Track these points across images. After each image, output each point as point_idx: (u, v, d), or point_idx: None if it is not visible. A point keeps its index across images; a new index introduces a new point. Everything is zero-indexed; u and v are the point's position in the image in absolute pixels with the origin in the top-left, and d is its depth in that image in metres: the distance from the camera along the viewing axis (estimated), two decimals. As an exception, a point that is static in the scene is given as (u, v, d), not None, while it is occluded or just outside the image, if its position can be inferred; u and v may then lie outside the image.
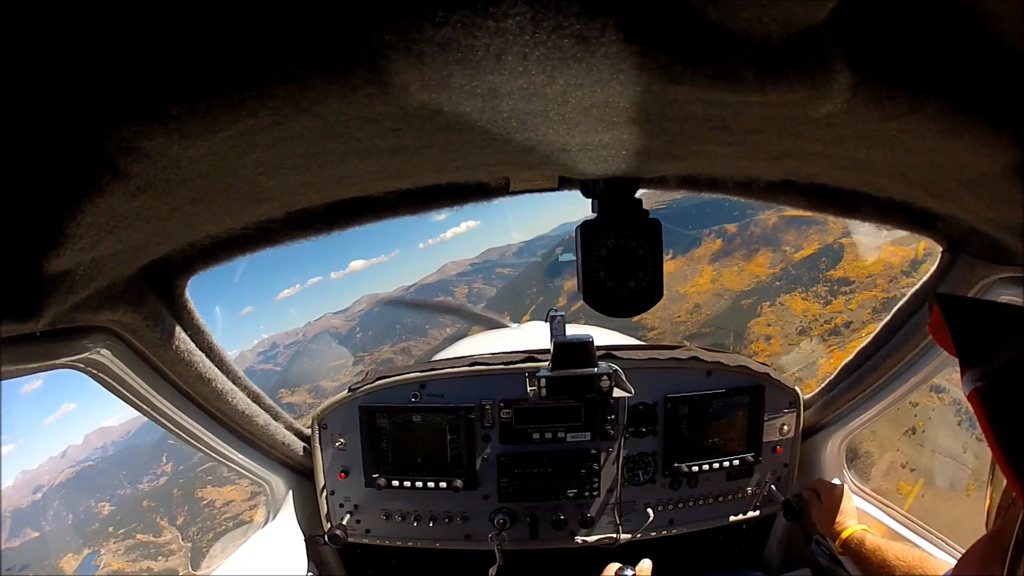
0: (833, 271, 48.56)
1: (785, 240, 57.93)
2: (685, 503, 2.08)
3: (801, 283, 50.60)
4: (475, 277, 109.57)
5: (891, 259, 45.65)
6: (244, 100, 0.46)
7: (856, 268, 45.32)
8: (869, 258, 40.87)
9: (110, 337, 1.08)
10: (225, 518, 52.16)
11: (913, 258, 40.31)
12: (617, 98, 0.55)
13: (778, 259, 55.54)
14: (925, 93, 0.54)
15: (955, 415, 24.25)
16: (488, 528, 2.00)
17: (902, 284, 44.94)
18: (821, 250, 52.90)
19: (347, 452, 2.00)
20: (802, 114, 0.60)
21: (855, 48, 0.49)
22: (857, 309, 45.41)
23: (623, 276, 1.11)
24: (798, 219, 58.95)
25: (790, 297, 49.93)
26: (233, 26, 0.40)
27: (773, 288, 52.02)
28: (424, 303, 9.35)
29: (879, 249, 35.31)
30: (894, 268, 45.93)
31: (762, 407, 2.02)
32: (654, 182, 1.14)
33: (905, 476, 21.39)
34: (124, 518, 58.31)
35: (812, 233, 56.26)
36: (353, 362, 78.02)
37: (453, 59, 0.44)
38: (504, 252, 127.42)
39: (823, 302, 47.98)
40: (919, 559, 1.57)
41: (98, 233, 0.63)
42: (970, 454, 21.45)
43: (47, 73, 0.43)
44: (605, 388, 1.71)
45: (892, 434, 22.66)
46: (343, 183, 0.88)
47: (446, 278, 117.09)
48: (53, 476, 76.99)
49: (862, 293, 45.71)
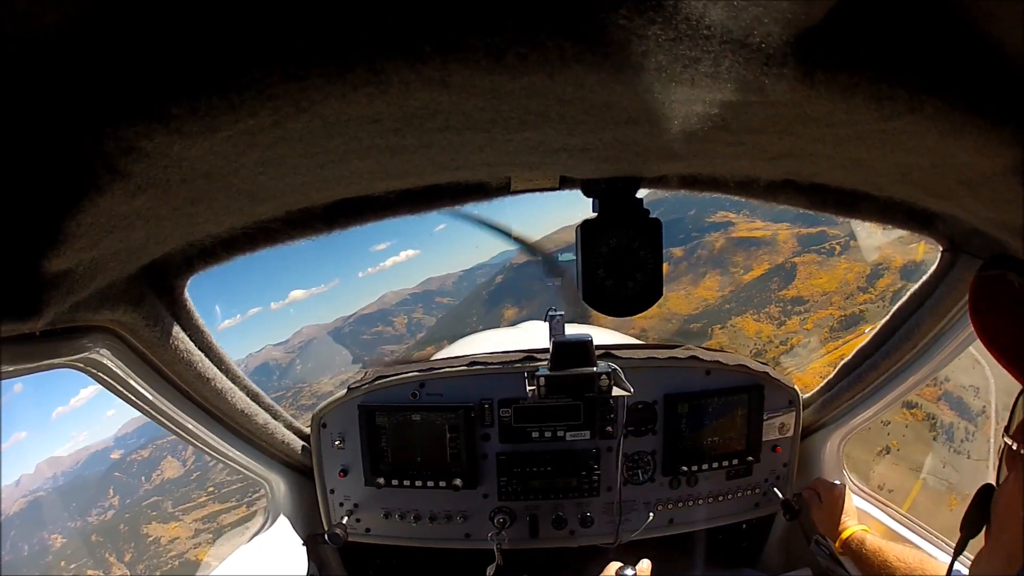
0: (786, 291, 48.34)
1: (733, 262, 57.71)
2: (685, 502, 2.08)
3: (753, 305, 50.43)
4: (415, 306, 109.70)
5: (846, 276, 45.51)
6: (244, 100, 0.46)
7: (810, 287, 45.03)
8: (823, 276, 40.52)
9: (110, 337, 1.08)
10: (171, 555, 51.79)
11: (869, 273, 40.00)
12: (618, 98, 0.55)
13: (727, 282, 55.19)
14: (925, 93, 0.54)
15: (930, 430, 24.20)
16: (488, 527, 2.00)
17: (859, 300, 44.64)
18: (772, 270, 52.73)
19: (347, 451, 2.00)
20: (802, 114, 0.60)
21: (855, 48, 0.49)
22: (813, 328, 45.19)
23: (623, 276, 1.11)
24: (747, 240, 58.79)
25: (742, 319, 49.67)
26: (233, 26, 0.40)
27: (723, 311, 51.66)
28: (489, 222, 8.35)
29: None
30: (850, 284, 45.76)
31: (761, 406, 2.03)
32: (654, 182, 1.15)
33: (884, 498, 21.26)
34: (75, 552, 58.36)
35: (762, 254, 56.12)
36: (292, 394, 77.95)
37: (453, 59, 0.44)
38: (444, 281, 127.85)
39: (777, 323, 47.71)
40: (919, 560, 1.57)
41: (98, 233, 0.63)
42: (950, 469, 21.39)
43: (47, 72, 0.43)
44: (604, 387, 1.71)
45: (866, 456, 22.45)
46: (343, 183, 0.88)
47: (386, 307, 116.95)
48: (9, 504, 77.73)
49: (817, 312, 45.52)
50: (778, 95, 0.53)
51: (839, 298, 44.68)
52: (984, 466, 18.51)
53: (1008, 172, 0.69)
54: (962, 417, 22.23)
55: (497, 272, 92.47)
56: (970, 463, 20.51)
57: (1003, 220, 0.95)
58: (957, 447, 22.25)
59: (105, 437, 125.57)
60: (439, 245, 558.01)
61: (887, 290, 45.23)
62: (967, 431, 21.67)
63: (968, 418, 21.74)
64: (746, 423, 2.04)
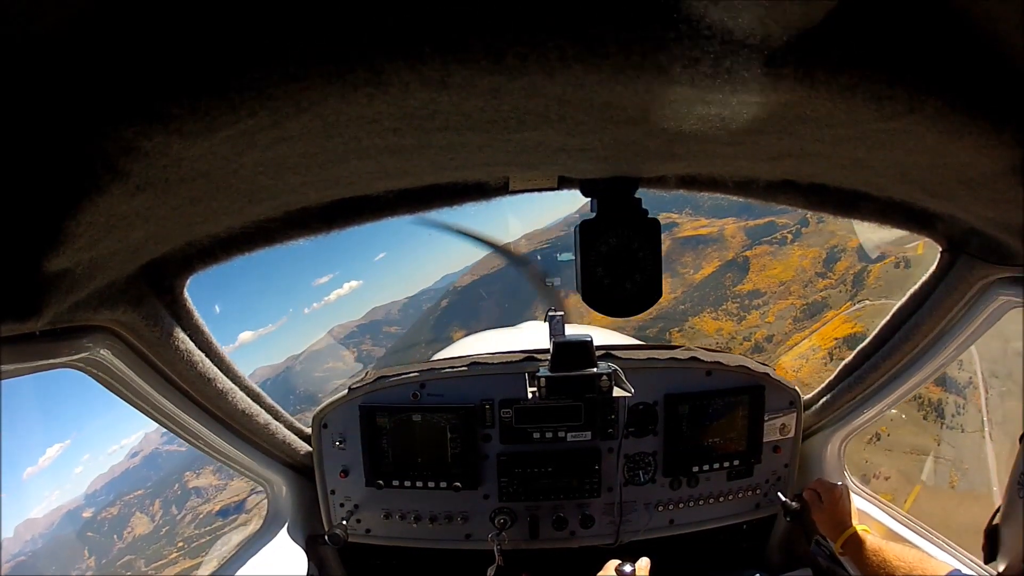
0: (741, 286, 47.32)
1: (682, 262, 56.55)
2: (685, 503, 2.08)
3: (709, 303, 49.28)
4: (363, 338, 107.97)
5: (802, 263, 44.55)
6: (244, 100, 0.46)
7: (765, 278, 44.09)
8: (777, 266, 39.40)
9: (110, 336, 1.08)
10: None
11: (825, 257, 38.94)
12: (617, 98, 0.55)
13: (678, 283, 53.96)
14: (925, 93, 0.54)
15: (918, 410, 23.93)
16: (488, 528, 2.00)
17: (819, 287, 43.41)
18: (723, 267, 51.44)
19: (347, 452, 2.00)
20: (802, 114, 0.60)
21: (855, 48, 0.49)
22: (776, 321, 44.14)
23: (622, 276, 1.11)
24: (693, 239, 57.37)
25: (700, 319, 48.62)
26: (232, 26, 0.40)
27: (678, 312, 50.46)
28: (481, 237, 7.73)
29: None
30: (807, 271, 44.71)
31: (762, 407, 2.02)
32: (654, 182, 1.15)
33: (882, 486, 21.17)
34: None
35: (711, 251, 54.93)
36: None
37: (453, 59, 0.44)
38: (389, 309, 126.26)
39: (736, 319, 46.66)
40: (919, 560, 1.57)
41: (98, 232, 0.63)
42: (945, 445, 21.15)
43: (47, 73, 0.43)
44: (605, 388, 1.71)
45: (855, 446, 22.35)
46: (342, 183, 0.88)
47: (334, 342, 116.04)
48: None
49: (777, 303, 44.51)
50: (778, 95, 0.53)
51: (798, 287, 43.89)
52: (980, 436, 18.21)
53: (1008, 172, 0.69)
54: (949, 392, 21.99)
55: (442, 296, 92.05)
56: (966, 436, 20.18)
57: (1003, 220, 0.95)
58: (949, 423, 22.02)
59: (76, 495, 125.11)
60: (381, 274, 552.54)
61: (847, 273, 44.00)
62: (957, 405, 21.45)
63: (956, 392, 21.48)
64: (747, 424, 2.04)
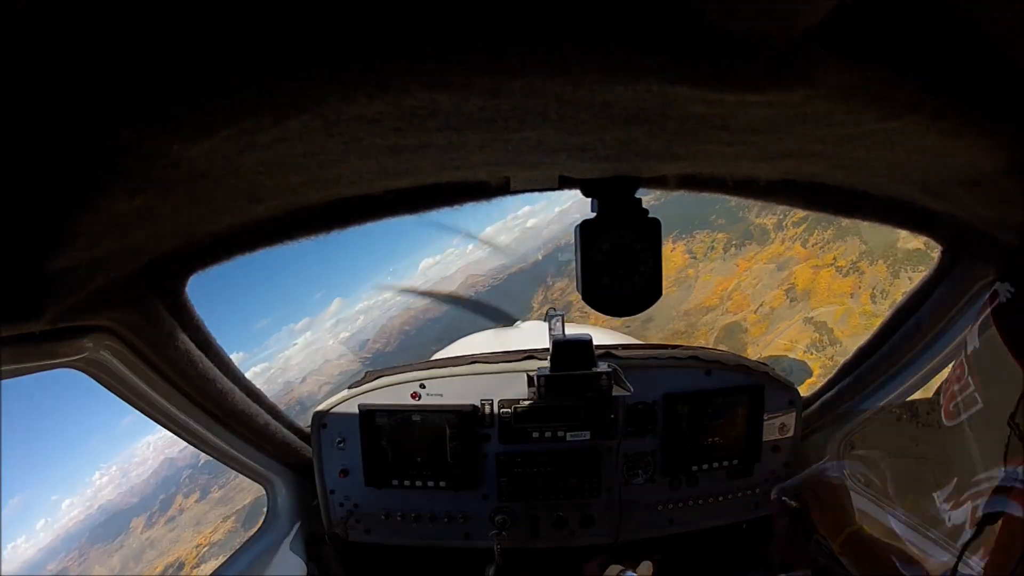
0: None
1: None
2: (685, 503, 2.08)
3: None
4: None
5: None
6: (244, 100, 0.46)
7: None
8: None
9: (110, 337, 1.08)
10: None
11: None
12: (617, 98, 0.55)
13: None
14: (925, 93, 0.54)
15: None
16: (488, 527, 2.00)
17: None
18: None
19: (347, 451, 2.00)
20: (802, 114, 0.60)
21: (855, 48, 0.49)
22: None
23: (622, 276, 1.11)
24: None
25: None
26: (232, 26, 0.40)
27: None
28: (435, 294, 9.12)
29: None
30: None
31: (761, 406, 2.02)
32: (654, 182, 1.15)
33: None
34: None
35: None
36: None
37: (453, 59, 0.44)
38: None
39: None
40: (919, 559, 1.57)
41: (98, 232, 0.63)
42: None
43: (47, 72, 0.43)
44: (604, 387, 1.71)
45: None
46: (343, 182, 0.88)
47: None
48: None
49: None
50: (778, 95, 0.53)
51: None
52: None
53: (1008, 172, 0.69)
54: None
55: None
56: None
57: (1003, 220, 0.95)
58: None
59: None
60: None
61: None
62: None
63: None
64: (746, 423, 2.04)
